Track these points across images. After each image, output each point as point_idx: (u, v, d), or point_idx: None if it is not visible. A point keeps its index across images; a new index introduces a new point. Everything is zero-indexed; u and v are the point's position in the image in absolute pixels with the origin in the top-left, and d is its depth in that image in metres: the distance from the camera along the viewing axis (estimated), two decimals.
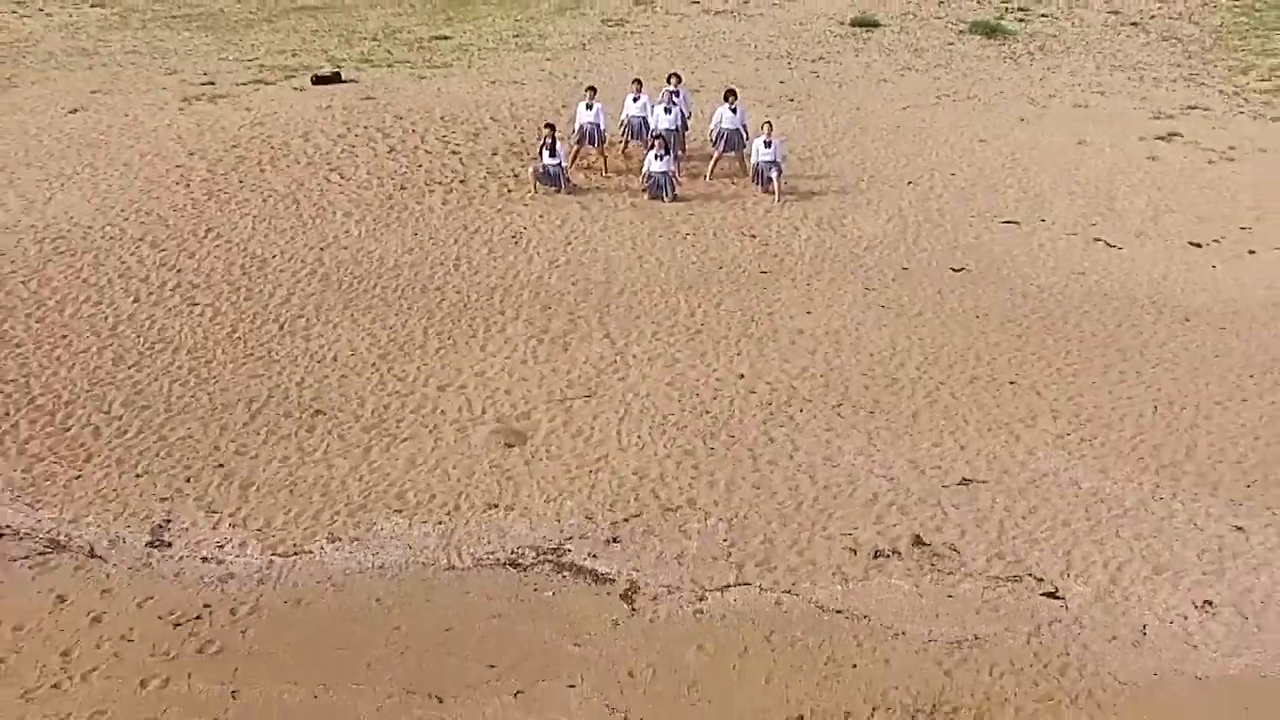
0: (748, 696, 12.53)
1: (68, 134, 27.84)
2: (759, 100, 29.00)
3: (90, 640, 13.45)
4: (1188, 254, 22.78)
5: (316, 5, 40.23)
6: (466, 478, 15.84)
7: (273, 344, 18.93)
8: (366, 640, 13.38)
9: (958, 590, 13.78)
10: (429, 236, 22.47)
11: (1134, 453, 16.21)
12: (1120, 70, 33.16)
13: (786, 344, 18.92)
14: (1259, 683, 12.58)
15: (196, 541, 14.87)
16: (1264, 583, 13.84)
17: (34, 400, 17.60)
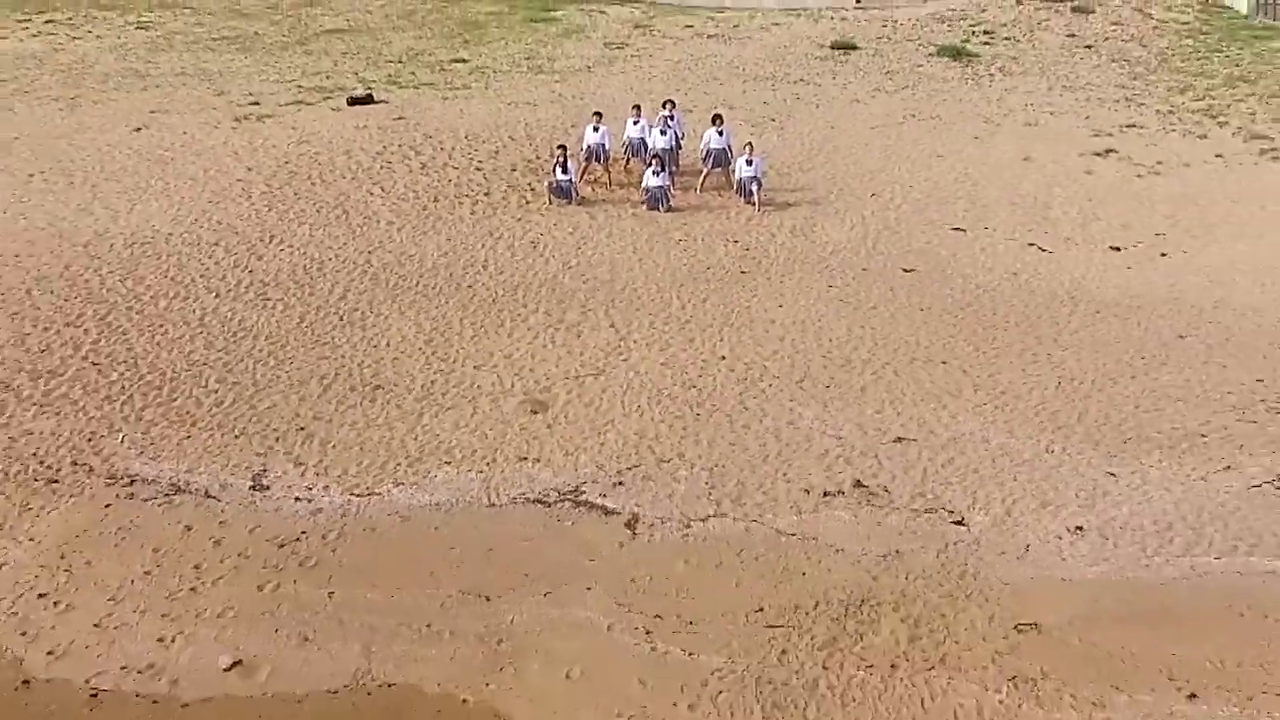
0: (721, 595, 16.61)
1: (136, 150, 31.95)
2: (744, 120, 33.13)
3: (214, 557, 17.55)
4: (1107, 257, 26.90)
5: (344, 28, 44.39)
6: (500, 437, 19.93)
7: (335, 332, 23.02)
8: (428, 557, 17.47)
9: (886, 520, 17.87)
10: (460, 242, 26.59)
11: (1036, 417, 20.31)
12: (1070, 91, 37.29)
13: (760, 331, 23.02)
14: (1108, 583, 16.66)
15: (289, 486, 18.96)
16: (1124, 514, 17.93)
17: (143, 378, 21.67)
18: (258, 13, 46.79)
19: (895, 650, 15.67)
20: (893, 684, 15.23)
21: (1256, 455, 19.29)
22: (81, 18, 46.35)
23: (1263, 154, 32.40)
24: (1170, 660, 15.44)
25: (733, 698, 15.12)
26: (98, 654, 16.07)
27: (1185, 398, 20.97)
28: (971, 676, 15.27)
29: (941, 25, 43.47)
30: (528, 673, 15.61)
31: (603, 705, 15.08)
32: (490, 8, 46.28)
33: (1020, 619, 16.02)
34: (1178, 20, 44.41)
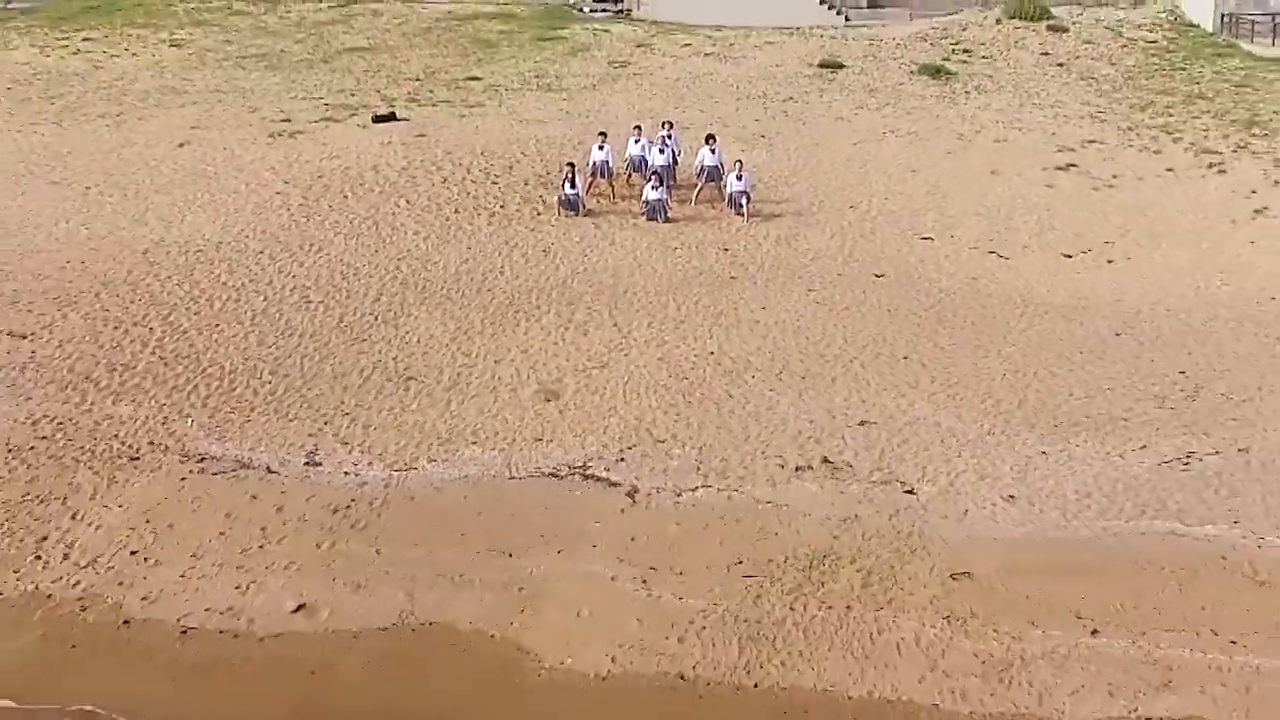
0: (706, 551, 19.87)
1: (181, 165, 35.27)
2: (736, 137, 36.41)
3: (277, 521, 20.83)
4: (1059, 263, 30.19)
5: (364, 46, 47.71)
6: (518, 421, 23.21)
7: (371, 330, 26.32)
8: (459, 520, 20.73)
9: (847, 490, 21.14)
10: (479, 249, 29.89)
11: (982, 404, 23.57)
12: (1039, 108, 40.55)
13: (746, 330, 26.29)
14: (1032, 541, 19.91)
15: (338, 462, 22.24)
16: (1050, 484, 21.18)
17: (205, 371, 24.96)
18: (283, 30, 50.12)
19: (850, 595, 18.94)
20: (847, 621, 18.50)
21: (1169, 437, 22.56)
22: (117, 35, 49.66)
23: (1210, 168, 35.64)
24: (1079, 604, 18.70)
25: (714, 633, 18.39)
26: (185, 599, 19.36)
27: (1114, 387, 24.24)
28: (912, 615, 18.54)
29: (924, 43, 46.69)
30: (544, 613, 18.88)
31: (607, 639, 18.35)
32: (501, 26, 49.59)
33: (955, 569, 19.29)
34: (1146, 39, 47.64)
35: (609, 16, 51.37)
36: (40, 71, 45.19)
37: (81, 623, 19.03)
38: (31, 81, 43.99)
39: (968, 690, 17.42)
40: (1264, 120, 39.05)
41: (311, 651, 18.44)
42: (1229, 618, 18.45)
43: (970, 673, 17.65)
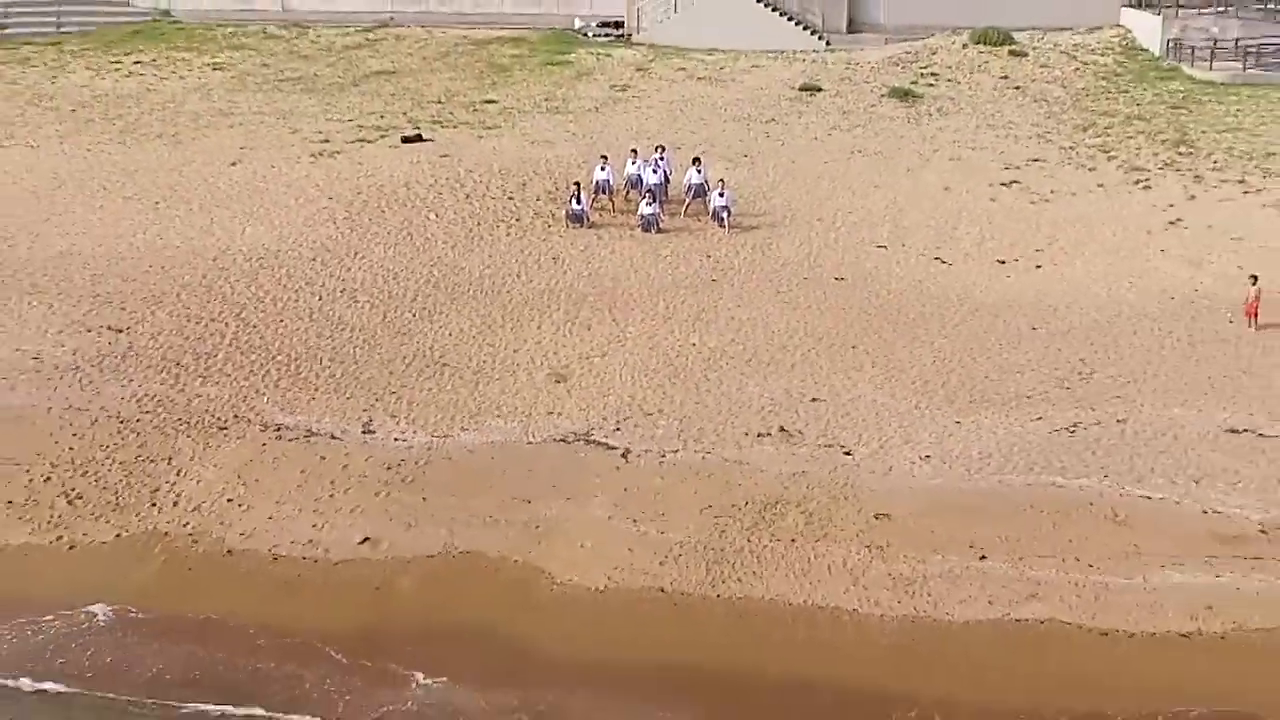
0: (684, 498, 25.40)
1: (236, 182, 40.92)
2: (722, 156, 42.02)
3: (343, 476, 26.40)
4: (994, 269, 35.73)
5: (389, 70, 53.33)
6: (533, 398, 28.78)
7: (411, 325, 31.92)
8: (487, 476, 26.28)
9: (798, 451, 26.70)
10: (499, 257, 35.49)
11: (912, 385, 29.14)
12: (992, 129, 46.11)
13: (723, 324, 31.86)
14: (941, 490, 25.45)
15: (389, 431, 27.81)
16: (960, 448, 26.72)
17: (274, 358, 30.56)
18: (314, 54, 55.78)
19: (795, 530, 24.50)
20: (791, 550, 24.05)
21: (1062, 411, 28.12)
22: (164, 59, 55.37)
23: (1136, 184, 41.20)
24: (973, 537, 24.24)
25: (687, 559, 23.95)
26: (273, 534, 24.94)
27: (1023, 371, 29.82)
28: (841, 545, 24.10)
29: (896, 67, 52.22)
30: (555, 545, 24.43)
31: (605, 563, 23.90)
32: (513, 51, 55.19)
33: (878, 512, 24.85)
34: (1098, 63, 53.15)
35: (611, 41, 56.90)
36: (99, 94, 50.88)
37: (194, 552, 24.63)
38: (92, 104, 49.69)
39: (880, 599, 22.97)
40: (1191, 140, 44.61)
41: (375, 573, 24.01)
42: (1090, 548, 23.99)
43: (883, 587, 23.20)
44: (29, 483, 26.28)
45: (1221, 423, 27.72)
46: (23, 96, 50.80)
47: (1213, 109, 47.94)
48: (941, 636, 22.28)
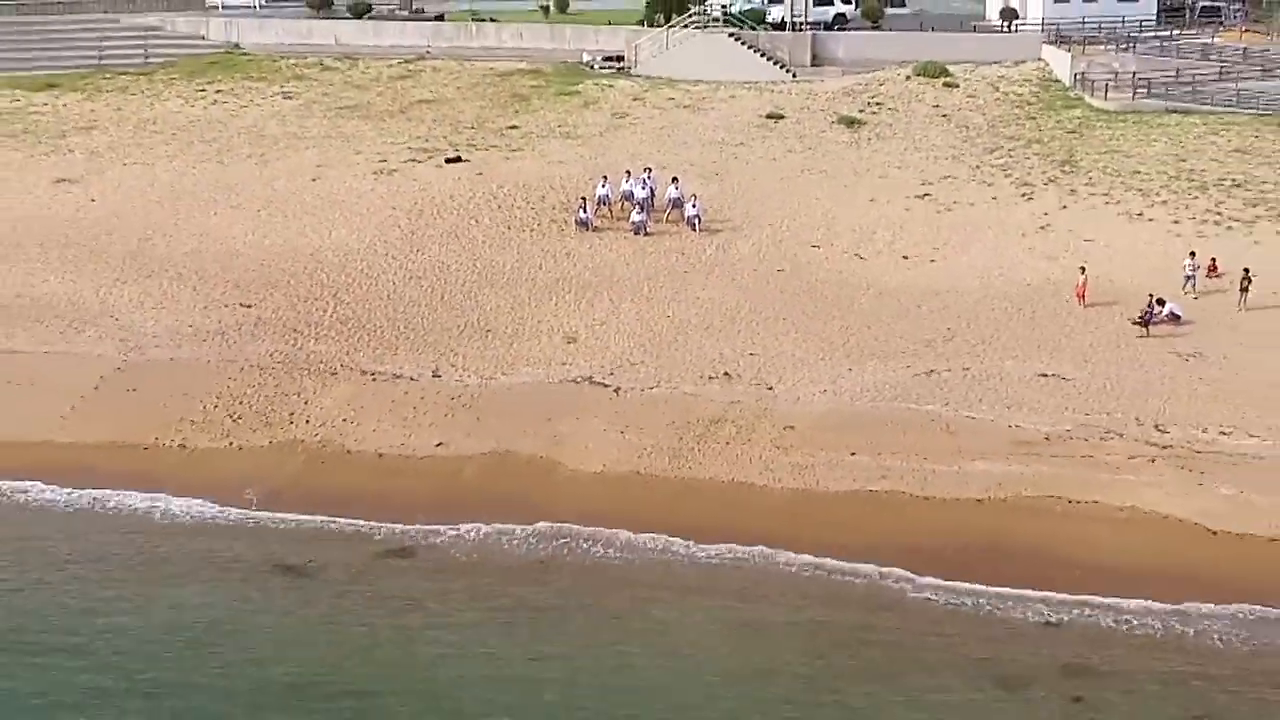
0: (656, 419, 38.14)
1: (319, 195, 53.83)
2: (698, 174, 54.82)
3: (422, 405, 39.19)
4: (899, 263, 48.47)
5: (430, 99, 66.20)
6: (553, 353, 41.59)
7: (462, 302, 44.76)
8: (521, 404, 39.05)
9: (735, 388, 39.46)
10: (524, 254, 48.34)
11: (823, 345, 41.92)
12: (918, 151, 58.86)
13: (691, 303, 44.67)
14: (831, 412, 38.18)
15: (450, 375, 40.63)
16: (848, 385, 39.45)
17: (364, 326, 43.42)
18: (365, 84, 68.68)
19: (729, 437, 37.23)
20: (726, 449, 36.77)
21: (926, 362, 40.85)
22: (240, 88, 68.29)
23: (1022, 196, 53.94)
24: (849, 441, 36.94)
25: (656, 454, 36.63)
26: (377, 441, 37.70)
27: (903, 335, 42.58)
28: (759, 446, 36.81)
29: (847, 98, 65.01)
30: (568, 447, 37.15)
31: (601, 458, 36.62)
32: (531, 82, 68.04)
33: (786, 425, 37.60)
34: (1016, 93, 65.88)
35: (613, 73, 69.69)
36: (193, 120, 63.87)
37: (324, 453, 37.43)
38: (189, 128, 62.68)
39: (782, 478, 35.68)
40: (1075, 160, 57.38)
41: (446, 464, 36.75)
42: (926, 448, 36.66)
43: (785, 471, 35.91)
44: (203, 409, 39.12)
45: (1037, 370, 40.47)
46: (130, 122, 63.81)
47: (1101, 133, 60.69)
48: (821, 501, 34.98)
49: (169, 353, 41.95)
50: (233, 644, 29.28)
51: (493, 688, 27.76)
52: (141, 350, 42.14)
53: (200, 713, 26.92)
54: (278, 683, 27.93)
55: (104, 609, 30.54)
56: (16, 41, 74.73)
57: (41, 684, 27.69)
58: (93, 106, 66.12)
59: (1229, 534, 33.20)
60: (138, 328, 43.46)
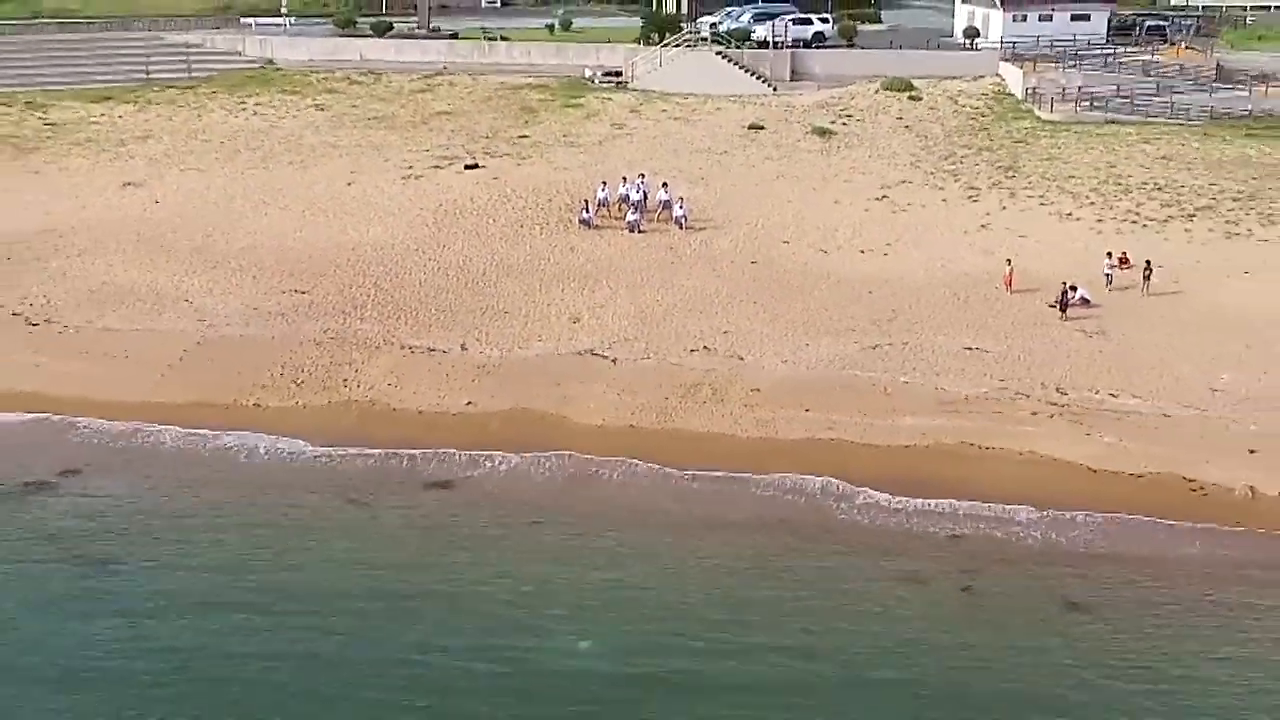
0: (648, 384, 47.04)
1: (354, 197, 62.81)
2: (686, 179, 63.77)
3: (453, 372, 48.12)
4: (856, 256, 57.42)
5: (448, 110, 75.17)
6: (560, 331, 50.52)
7: (483, 289, 53.71)
8: (534, 372, 47.95)
9: (712, 358, 48.37)
10: (535, 248, 57.30)
11: (787, 324, 50.82)
12: (880, 158, 67.81)
13: (677, 290, 53.62)
14: (790, 377, 47.09)
15: (476, 348, 49.56)
16: (805, 355, 48.36)
17: (400, 308, 52.37)
18: (389, 97, 77.67)
19: (705, 397, 46.14)
20: (703, 407, 45.65)
21: (872, 338, 49.75)
22: (276, 100, 77.28)
23: (968, 198, 62.87)
24: (804, 401, 45.84)
25: (647, 411, 45.51)
26: (417, 401, 46.56)
27: (855, 316, 51.51)
28: (731, 404, 45.70)
29: (821, 110, 73.96)
30: (574, 406, 46.03)
31: (602, 414, 45.49)
32: (539, 95, 76.99)
33: (753, 388, 46.50)
34: (973, 106, 74.86)
35: (612, 87, 78.61)
36: (237, 130, 72.85)
37: (373, 410, 46.29)
38: (234, 137, 71.66)
39: (748, 429, 44.56)
40: (1019, 166, 66.36)
41: (475, 419, 45.65)
42: (867, 407, 45.53)
43: (750, 423, 44.79)
44: (271, 375, 47.98)
45: (963, 344, 49.36)
46: (181, 132, 72.79)
47: (1044, 142, 69.70)
48: (778, 448, 43.81)
49: (239, 330, 50.85)
50: (316, 548, 38.16)
51: (521, 565, 36.64)
52: (215, 328, 51.05)
53: (286, 591, 35.74)
54: (352, 582, 36.81)
55: (212, 523, 39.45)
56: (70, 56, 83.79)
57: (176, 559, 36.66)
58: (145, 117, 75.07)
59: (1106, 472, 42.12)
60: (210, 310, 52.36)
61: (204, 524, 39.57)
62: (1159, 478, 41.73)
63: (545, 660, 33.13)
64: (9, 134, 72.21)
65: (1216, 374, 47.27)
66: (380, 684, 32.15)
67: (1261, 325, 50.76)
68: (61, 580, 36.54)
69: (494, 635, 34.05)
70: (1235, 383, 46.76)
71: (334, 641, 33.79)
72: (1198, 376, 47.08)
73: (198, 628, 34.31)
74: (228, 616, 34.82)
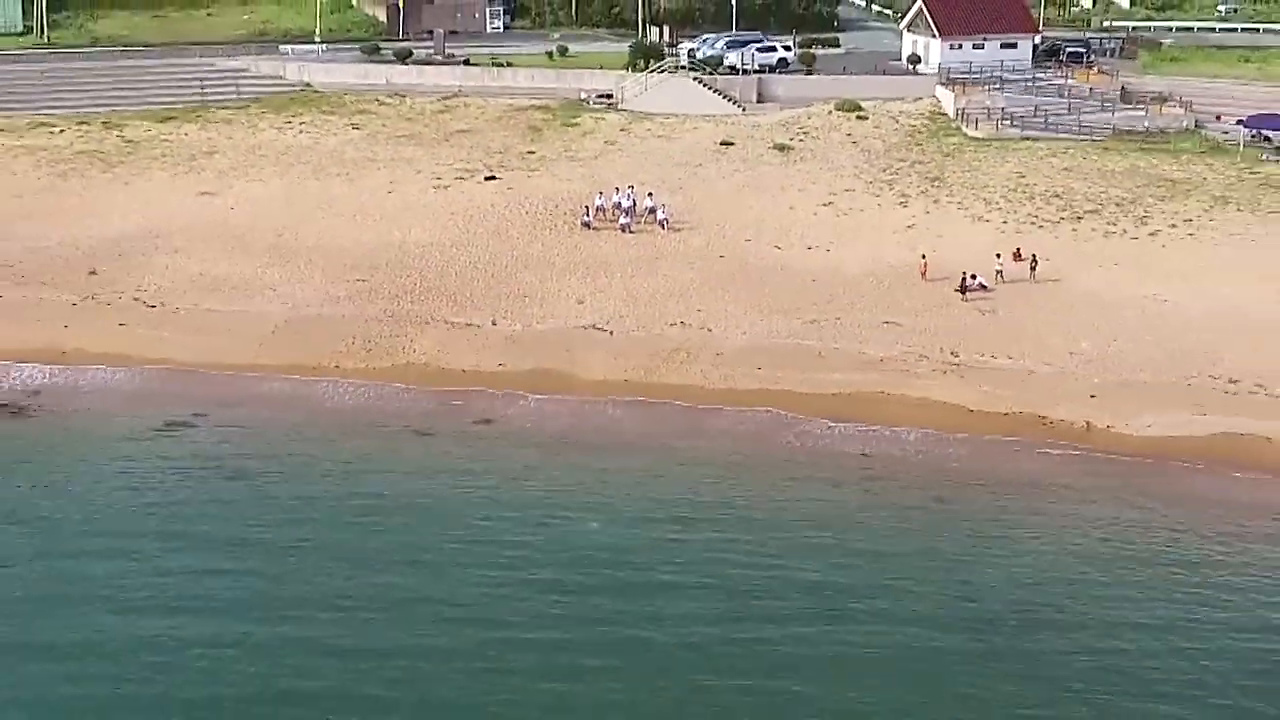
0: (637, 349, 63.05)
1: (395, 204, 78.86)
2: (668, 188, 79.84)
3: (487, 341, 64.09)
4: (804, 251, 73.52)
5: (466, 129, 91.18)
6: (569, 311, 66.51)
7: (507, 277, 69.71)
8: (551, 341, 63.93)
9: (688, 331, 64.35)
10: (545, 246, 73.39)
11: (746, 305, 66.80)
12: (830, 170, 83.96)
13: (660, 279, 69.69)
14: (749, 347, 63.07)
15: (504, 323, 65.49)
16: (760, 328, 64.34)
17: (442, 293, 68.37)
18: (414, 117, 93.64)
19: (681, 359, 62.13)
20: (680, 366, 61.64)
21: (811, 315, 65.75)
22: (318, 119, 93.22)
23: (899, 204, 79.03)
24: (758, 363, 61.80)
25: (635, 370, 61.45)
26: (462, 361, 62.41)
27: (801, 300, 67.53)
28: (700, 364, 61.76)
29: (782, 128, 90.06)
30: (580, 364, 61.90)
31: (602, 370, 61.43)
32: (542, 116, 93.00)
33: (718, 352, 62.49)
34: (911, 124, 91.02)
35: (604, 108, 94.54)
36: (288, 146, 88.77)
37: (428, 369, 62.08)
38: (287, 153, 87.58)
39: (714, 382, 60.51)
40: (944, 177, 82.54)
41: (505, 375, 61.48)
42: (805, 366, 61.49)
43: (714, 379, 60.74)
44: (345, 344, 63.81)
45: (883, 320, 65.35)
46: (240, 148, 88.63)
47: (969, 156, 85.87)
48: (737, 396, 59.75)
49: (316, 311, 66.67)
50: (396, 461, 53.96)
51: (542, 480, 52.47)
52: (297, 309, 66.85)
53: (379, 489, 51.48)
54: (419, 495, 52.62)
55: (318, 446, 55.22)
56: (134, 81, 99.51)
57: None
58: (208, 135, 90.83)
59: (981, 411, 58.12)
60: (291, 295, 68.16)
61: (311, 448, 55.34)
62: (1020, 416, 57.76)
63: (566, 531, 48.95)
64: (95, 150, 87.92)
65: (1077, 342, 63.33)
66: (450, 541, 47.68)
67: (1118, 305, 66.88)
68: (213, 484, 52.23)
69: (528, 516, 49.76)
70: (1089, 348, 62.86)
71: (413, 516, 49.52)
72: (1061, 344, 63.15)
73: (316, 511, 50.03)
74: (339, 503, 50.58)
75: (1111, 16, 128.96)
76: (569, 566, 46.26)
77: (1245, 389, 58.78)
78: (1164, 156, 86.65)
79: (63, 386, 60.56)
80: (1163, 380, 59.74)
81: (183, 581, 45.22)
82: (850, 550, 47.93)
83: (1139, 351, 62.20)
